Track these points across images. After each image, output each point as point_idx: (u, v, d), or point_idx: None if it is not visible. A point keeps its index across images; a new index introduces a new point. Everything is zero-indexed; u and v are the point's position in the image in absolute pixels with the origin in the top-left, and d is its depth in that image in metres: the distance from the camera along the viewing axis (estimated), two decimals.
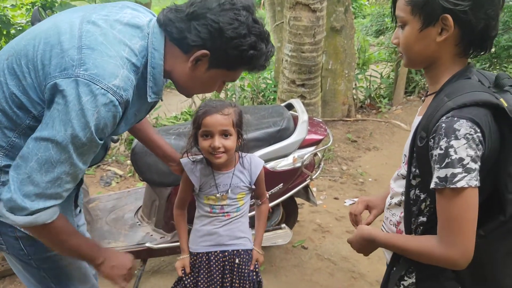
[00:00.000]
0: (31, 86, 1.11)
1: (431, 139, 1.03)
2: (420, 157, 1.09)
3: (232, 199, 1.75)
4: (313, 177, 2.70)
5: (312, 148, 2.60)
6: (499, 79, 1.11)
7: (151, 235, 2.60)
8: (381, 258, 2.94)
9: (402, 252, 1.16)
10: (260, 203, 1.92)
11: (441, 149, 1.00)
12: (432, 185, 1.03)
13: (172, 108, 5.36)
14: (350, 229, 3.25)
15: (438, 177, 1.01)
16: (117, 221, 2.73)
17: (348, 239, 1.34)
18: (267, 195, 1.98)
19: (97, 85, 1.04)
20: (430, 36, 1.07)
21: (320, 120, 2.92)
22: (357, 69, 5.68)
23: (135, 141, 2.52)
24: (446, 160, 0.99)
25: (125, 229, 2.66)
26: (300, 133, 2.52)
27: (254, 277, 1.85)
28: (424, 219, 1.15)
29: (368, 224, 1.46)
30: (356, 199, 3.66)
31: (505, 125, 1.03)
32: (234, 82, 1.20)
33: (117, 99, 1.07)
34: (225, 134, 1.62)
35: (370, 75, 5.79)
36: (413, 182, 1.15)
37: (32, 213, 1.09)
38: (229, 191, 1.73)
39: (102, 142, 1.13)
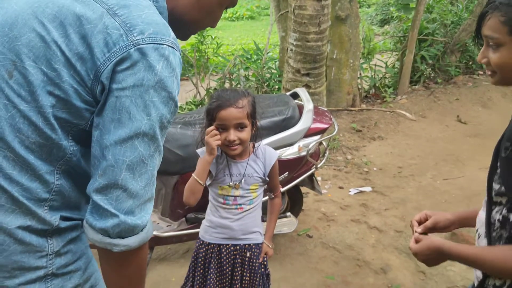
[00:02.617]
0: (70, 91, 0.84)
1: None
2: (506, 170, 1.02)
3: (245, 189, 1.77)
4: (318, 166, 2.71)
5: (317, 137, 2.61)
6: None
7: (158, 223, 2.62)
8: (386, 247, 2.96)
9: (476, 265, 1.08)
10: (273, 196, 1.94)
11: None
12: None
13: (177, 98, 5.38)
14: (354, 218, 3.27)
15: None
16: None
17: (412, 250, 1.21)
18: (280, 188, 1.99)
19: (163, 44, 0.85)
20: None
21: (325, 109, 2.92)
22: (362, 58, 5.66)
23: None
24: None
25: None
26: (305, 122, 2.53)
27: (263, 269, 1.87)
28: None
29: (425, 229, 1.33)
30: (361, 188, 3.68)
31: None
32: (234, 6, 1.12)
33: (180, 53, 0.91)
34: (240, 126, 1.64)
35: (375, 65, 5.76)
36: (497, 200, 1.07)
37: (143, 228, 0.90)
38: (243, 180, 1.75)
39: None
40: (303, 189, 3.35)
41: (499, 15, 1.01)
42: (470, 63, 6.43)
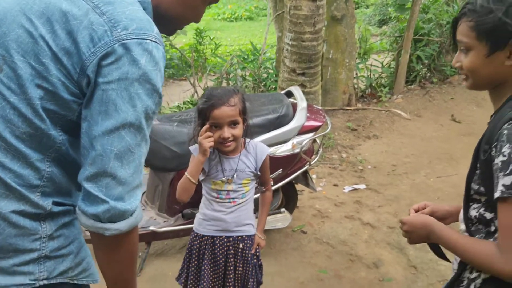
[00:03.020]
0: (58, 83, 0.89)
1: (493, 148, 1.01)
2: (484, 172, 1.05)
3: (238, 184, 1.83)
4: (312, 163, 2.78)
5: (310, 135, 2.68)
6: None
7: (155, 219, 2.69)
8: (378, 242, 3.03)
9: (457, 253, 1.10)
10: (264, 190, 2.00)
11: (504, 155, 0.97)
12: (497, 194, 0.97)
13: (175, 98, 5.46)
14: (348, 214, 3.33)
15: (504, 185, 0.96)
16: None
17: (403, 220, 1.24)
18: (271, 182, 2.05)
19: (147, 39, 0.89)
20: (498, 60, 1.06)
21: (319, 108, 2.99)
22: (358, 58, 5.72)
23: None
24: (511, 166, 0.95)
25: None
26: (299, 119, 2.59)
27: (255, 260, 1.93)
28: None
29: None
30: (355, 186, 3.74)
31: None
32: (217, 3, 1.14)
33: (163, 48, 0.95)
34: (233, 123, 1.70)
35: (371, 65, 5.83)
36: (476, 197, 1.11)
37: (132, 213, 0.95)
38: (235, 175, 1.81)
39: None
40: (298, 187, 3.42)
41: (468, 21, 1.06)
42: None
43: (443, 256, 1.27)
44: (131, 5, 0.92)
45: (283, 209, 2.78)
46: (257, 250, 1.95)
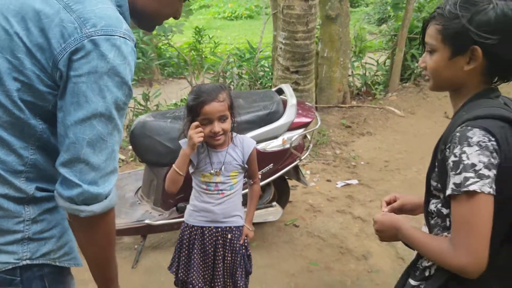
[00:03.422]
0: (33, 76, 0.97)
1: (447, 149, 1.07)
2: (441, 170, 1.11)
3: (226, 176, 1.91)
4: (302, 158, 2.86)
5: (300, 130, 2.76)
6: None
7: (150, 212, 2.77)
8: (368, 235, 3.11)
9: (418, 249, 1.16)
10: (252, 183, 2.08)
11: (455, 156, 1.03)
12: (448, 192, 1.03)
13: (172, 96, 5.54)
14: (340, 209, 3.41)
15: (454, 183, 1.02)
16: (118, 200, 2.90)
17: (375, 218, 1.31)
18: (259, 175, 2.13)
19: (115, 35, 0.96)
20: (459, 64, 1.10)
21: (310, 105, 3.07)
22: (353, 57, 5.80)
23: (134, 124, 2.69)
24: (460, 166, 1.01)
25: (126, 207, 2.84)
26: (289, 116, 2.67)
27: (244, 251, 2.02)
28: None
29: (392, 210, 1.43)
30: (348, 181, 3.83)
31: None
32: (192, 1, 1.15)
33: (132, 43, 1.02)
34: (223, 118, 1.79)
35: (366, 63, 5.91)
36: (436, 193, 1.17)
37: (106, 196, 1.01)
38: (222, 168, 1.89)
39: None
40: (292, 183, 3.51)
41: (436, 24, 1.12)
42: None
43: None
44: (101, 3, 0.99)
45: (274, 203, 2.86)
46: (246, 241, 2.03)
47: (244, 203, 2.07)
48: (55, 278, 1.13)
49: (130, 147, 4.21)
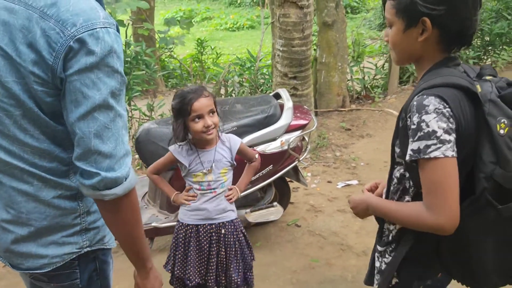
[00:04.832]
0: (38, 91, 1.02)
1: (408, 118, 1.12)
2: (402, 138, 1.17)
3: (217, 174, 2.02)
4: (301, 159, 2.97)
5: (297, 132, 2.88)
6: (481, 69, 1.21)
7: (157, 216, 2.89)
8: (368, 232, 3.19)
9: (392, 219, 1.23)
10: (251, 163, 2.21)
11: (414, 124, 1.09)
12: (407, 158, 1.10)
13: None
14: (340, 208, 3.51)
15: (412, 150, 1.09)
16: None
17: (349, 199, 1.41)
18: (256, 156, 2.23)
19: (96, 27, 0.99)
20: (413, 36, 1.17)
21: (306, 108, 3.20)
22: (352, 62, 5.92)
23: (139, 131, 2.83)
24: (419, 134, 1.07)
25: None
26: (286, 118, 2.80)
27: (242, 240, 2.12)
28: (409, 198, 1.23)
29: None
30: (348, 182, 3.93)
31: (479, 111, 1.10)
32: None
33: (114, 28, 1.05)
34: (212, 112, 1.90)
35: (363, 67, 6.03)
36: (399, 161, 1.24)
37: (125, 178, 1.07)
38: (213, 165, 2.00)
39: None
40: (294, 184, 3.62)
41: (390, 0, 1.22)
42: None
43: (380, 222, 1.40)
44: None
45: (275, 203, 2.97)
46: (243, 230, 2.14)
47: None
48: (103, 258, 1.27)
49: (137, 155, 4.36)
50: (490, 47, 6.80)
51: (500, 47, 6.70)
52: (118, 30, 1.09)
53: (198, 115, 1.88)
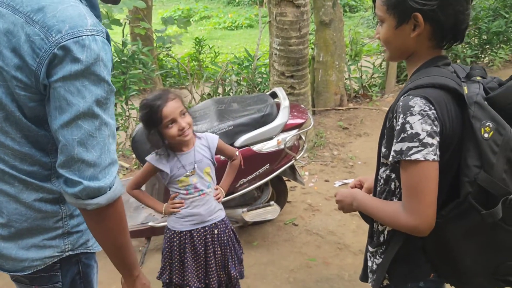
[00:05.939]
0: (22, 96, 1.01)
1: (394, 119, 1.13)
2: (389, 138, 1.17)
3: (200, 174, 1.99)
4: (297, 158, 2.97)
5: (294, 131, 2.88)
6: (471, 70, 1.19)
7: (153, 215, 2.89)
8: (365, 231, 3.18)
9: (374, 216, 1.24)
10: (231, 161, 2.20)
11: (398, 125, 1.09)
12: (390, 158, 1.11)
13: None
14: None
15: (394, 151, 1.09)
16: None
17: (336, 193, 1.42)
18: (237, 153, 2.21)
19: (82, 35, 0.96)
20: (405, 32, 1.15)
21: (303, 107, 3.19)
22: (350, 60, 5.92)
23: (135, 130, 2.82)
24: (402, 135, 1.07)
25: (130, 211, 2.96)
26: (282, 117, 2.79)
27: (233, 238, 2.13)
28: (397, 200, 1.22)
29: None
30: (345, 180, 3.92)
31: (465, 112, 1.09)
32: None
33: (102, 36, 1.02)
34: (183, 113, 1.86)
35: (361, 66, 6.02)
36: (383, 161, 1.24)
37: (109, 188, 1.04)
38: (195, 166, 1.96)
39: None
40: (291, 184, 3.62)
41: None
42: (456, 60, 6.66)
43: (370, 222, 1.41)
44: (61, 4, 0.98)
45: (272, 202, 2.97)
46: (231, 226, 2.13)
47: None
48: (87, 262, 1.26)
49: (134, 155, 4.35)
50: (487, 46, 6.80)
51: (498, 45, 6.69)
52: (108, 38, 1.06)
53: (170, 120, 1.83)
